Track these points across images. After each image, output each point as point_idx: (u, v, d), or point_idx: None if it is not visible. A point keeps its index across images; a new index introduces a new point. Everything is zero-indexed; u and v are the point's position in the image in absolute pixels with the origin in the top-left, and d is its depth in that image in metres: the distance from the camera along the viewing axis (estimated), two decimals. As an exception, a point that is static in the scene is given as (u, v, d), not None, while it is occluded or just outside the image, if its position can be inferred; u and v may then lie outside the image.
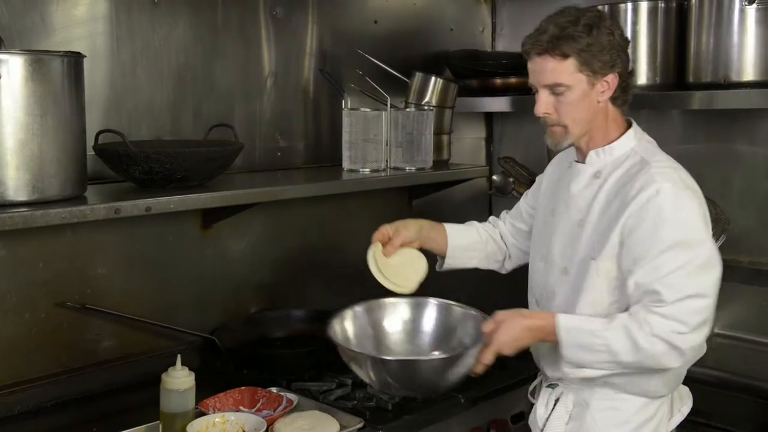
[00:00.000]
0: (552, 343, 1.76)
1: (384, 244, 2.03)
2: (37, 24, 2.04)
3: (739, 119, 2.68)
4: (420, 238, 2.08)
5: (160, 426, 1.79)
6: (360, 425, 1.89)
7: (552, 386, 1.88)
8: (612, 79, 1.78)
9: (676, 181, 1.74)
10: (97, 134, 2.00)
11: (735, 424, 2.29)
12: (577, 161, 1.90)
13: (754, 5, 2.36)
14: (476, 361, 1.74)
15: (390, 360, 1.81)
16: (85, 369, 2.14)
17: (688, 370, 2.12)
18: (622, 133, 1.85)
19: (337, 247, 2.75)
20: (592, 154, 1.85)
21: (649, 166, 1.76)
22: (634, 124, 1.88)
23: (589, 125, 1.81)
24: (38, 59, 1.74)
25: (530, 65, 1.81)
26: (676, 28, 2.59)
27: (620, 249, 1.74)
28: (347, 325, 1.92)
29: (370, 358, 1.77)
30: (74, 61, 1.82)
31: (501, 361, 1.80)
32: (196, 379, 1.82)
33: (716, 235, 2.63)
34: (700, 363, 1.81)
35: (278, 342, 2.46)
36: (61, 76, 1.78)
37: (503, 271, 2.21)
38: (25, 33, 2.01)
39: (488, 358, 1.74)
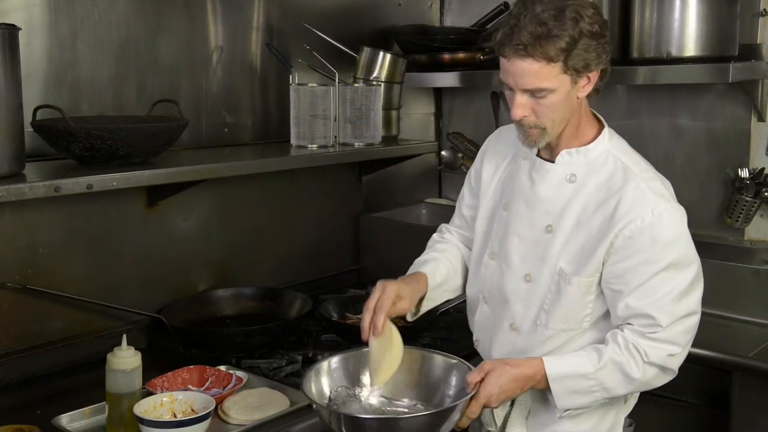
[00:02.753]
0: (542, 389, 1.68)
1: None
2: (-31, -4, 1.96)
3: (682, 94, 2.72)
4: (411, 304, 1.80)
5: (107, 407, 1.76)
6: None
7: None
8: (594, 75, 1.63)
9: (668, 198, 1.65)
10: (35, 110, 1.93)
11: (676, 390, 2.35)
12: (541, 157, 1.74)
13: (696, -17, 2.39)
14: (461, 414, 1.61)
15: (369, 419, 1.63)
16: (28, 351, 2.08)
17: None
18: (597, 132, 1.72)
19: (287, 224, 2.73)
20: (564, 153, 1.70)
21: (635, 178, 1.64)
22: (604, 122, 1.76)
23: (566, 123, 1.67)
24: (-30, 32, 1.67)
25: (506, 64, 1.60)
26: (620, 5, 2.61)
27: (603, 266, 1.66)
28: (323, 380, 1.72)
29: (346, 417, 1.58)
30: (8, 33, 1.75)
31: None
32: (144, 359, 1.79)
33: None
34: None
35: (227, 320, 2.43)
36: (-6, 49, 1.71)
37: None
38: (-43, 5, 1.93)
39: (475, 411, 1.62)
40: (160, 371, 1.93)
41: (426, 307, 1.89)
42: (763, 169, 2.58)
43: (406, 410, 1.72)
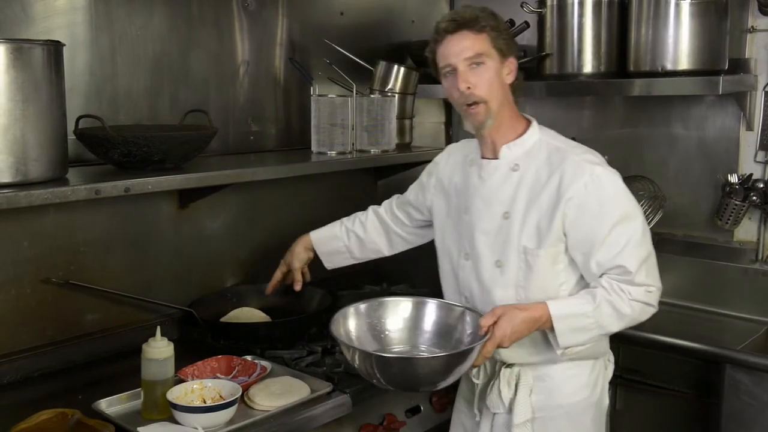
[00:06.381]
0: (545, 330, 1.75)
1: (288, 280, 2.30)
2: (19, 14, 1.97)
3: (675, 105, 2.71)
4: (308, 258, 2.28)
5: (142, 393, 1.77)
6: (329, 389, 1.88)
7: (509, 366, 1.84)
8: (514, 63, 1.80)
9: (601, 163, 1.77)
10: (78, 119, 1.95)
11: (669, 381, 2.34)
12: (485, 158, 1.86)
13: (688, 0, 2.38)
14: (478, 354, 1.68)
15: (392, 357, 1.72)
16: (70, 341, 2.10)
17: (629, 335, 2.17)
18: (527, 127, 1.84)
19: (308, 225, 2.71)
20: (504, 149, 1.82)
21: (570, 154, 1.77)
22: (532, 119, 1.87)
23: (501, 106, 1.79)
24: (19, 47, 1.68)
25: (445, 47, 1.79)
26: (618, 21, 2.61)
27: (566, 237, 1.74)
28: (350, 323, 1.83)
29: (373, 356, 1.66)
30: (54, 49, 1.77)
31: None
32: (176, 349, 1.80)
33: (654, 211, 2.68)
34: (639, 327, 1.85)
35: (253, 313, 2.43)
36: (41, 63, 1.73)
37: (387, 254, 2.24)
38: (7, 23, 1.94)
39: (489, 351, 1.69)
40: (190, 360, 1.94)
41: (331, 264, 2.28)
42: (751, 174, 2.56)
43: (426, 353, 1.81)
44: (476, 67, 1.76)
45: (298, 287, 2.27)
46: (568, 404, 1.83)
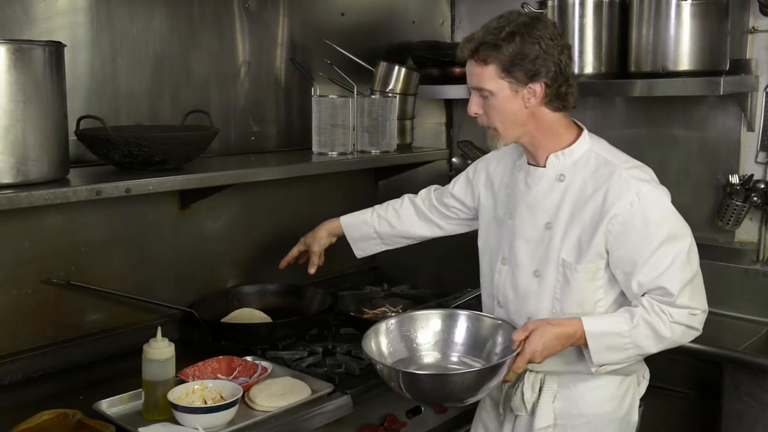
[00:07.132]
0: (580, 345, 1.71)
1: (301, 260, 2.30)
2: (20, 15, 1.97)
3: (676, 105, 2.71)
4: (329, 243, 2.27)
5: (143, 393, 1.77)
6: (330, 390, 1.89)
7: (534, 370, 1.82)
8: (538, 88, 1.69)
9: (649, 181, 1.71)
10: (79, 120, 1.95)
11: (670, 381, 2.34)
12: (531, 164, 1.81)
13: (689, 1, 2.38)
14: (509, 369, 1.65)
15: (425, 374, 1.71)
16: (71, 341, 2.10)
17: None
18: (577, 136, 1.77)
19: (308, 225, 2.71)
20: (552, 158, 1.76)
21: (618, 169, 1.70)
22: (584, 126, 1.82)
23: (522, 129, 1.74)
24: (20, 48, 1.69)
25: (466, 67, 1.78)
26: (619, 22, 2.61)
27: (608, 253, 1.70)
28: (381, 340, 1.82)
29: (404, 374, 1.65)
30: (55, 50, 1.77)
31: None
32: (177, 350, 1.80)
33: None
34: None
35: (253, 314, 2.44)
36: (42, 64, 1.73)
37: (422, 239, 2.21)
38: (8, 24, 1.95)
39: (520, 366, 1.66)
40: (191, 361, 1.94)
41: (360, 253, 2.25)
42: (752, 175, 2.56)
43: (458, 366, 1.78)
44: (483, 98, 1.73)
45: (312, 270, 2.27)
46: (592, 415, 1.79)
